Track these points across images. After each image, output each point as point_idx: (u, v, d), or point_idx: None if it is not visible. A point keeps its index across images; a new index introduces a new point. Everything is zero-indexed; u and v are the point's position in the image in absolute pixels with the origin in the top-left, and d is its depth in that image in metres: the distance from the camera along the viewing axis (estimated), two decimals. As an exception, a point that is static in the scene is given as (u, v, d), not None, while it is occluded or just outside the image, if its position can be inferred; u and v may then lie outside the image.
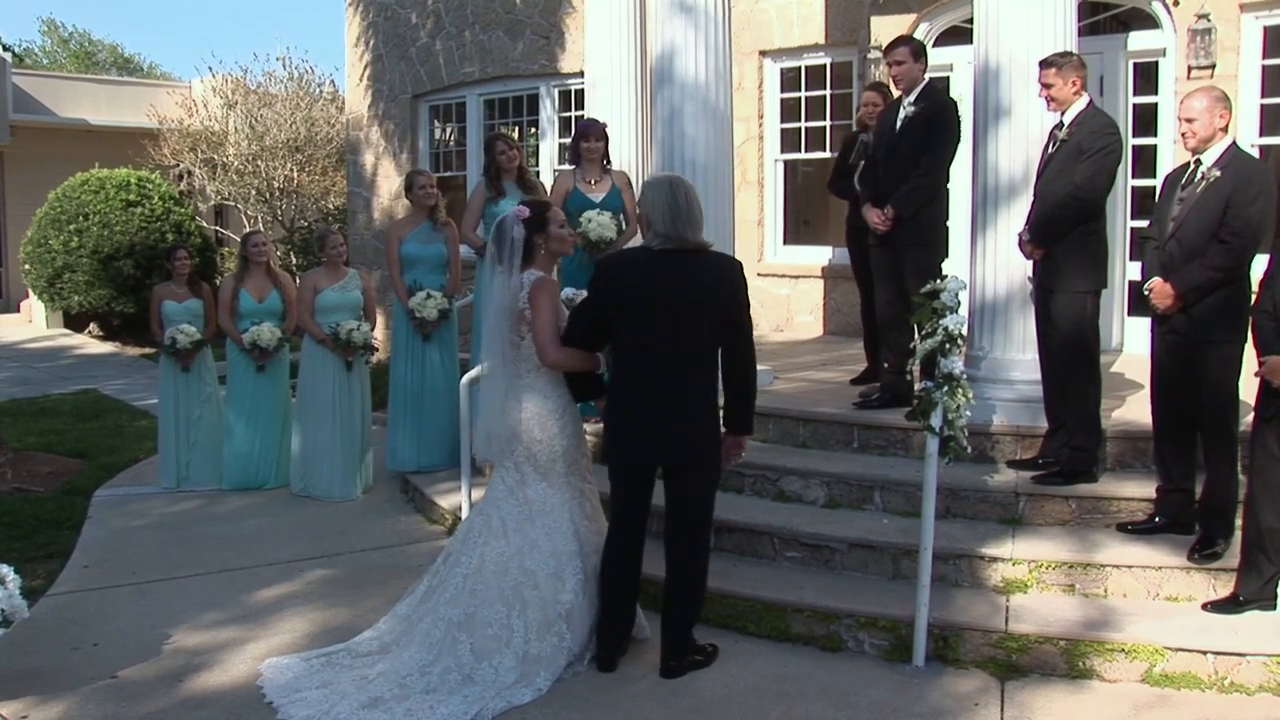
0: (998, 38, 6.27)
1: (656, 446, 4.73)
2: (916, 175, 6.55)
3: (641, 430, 4.72)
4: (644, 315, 4.64)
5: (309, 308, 8.26)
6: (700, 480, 4.81)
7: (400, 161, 14.09)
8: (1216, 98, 5.23)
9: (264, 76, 21.64)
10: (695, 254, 4.69)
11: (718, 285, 4.67)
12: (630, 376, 4.74)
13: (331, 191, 21.31)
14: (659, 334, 4.63)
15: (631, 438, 4.75)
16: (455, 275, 8.49)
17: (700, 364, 4.68)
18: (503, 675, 4.74)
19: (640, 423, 4.71)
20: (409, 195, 8.53)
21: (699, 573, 4.92)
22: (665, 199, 4.66)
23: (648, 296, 4.63)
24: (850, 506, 6.15)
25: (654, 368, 4.66)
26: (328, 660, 5.07)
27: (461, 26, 13.23)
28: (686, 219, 4.64)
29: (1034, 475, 5.91)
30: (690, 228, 4.66)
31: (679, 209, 4.64)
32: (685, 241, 4.65)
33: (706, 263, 4.72)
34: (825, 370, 8.39)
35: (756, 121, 10.98)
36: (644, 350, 4.68)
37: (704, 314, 4.62)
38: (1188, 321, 5.21)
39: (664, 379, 4.65)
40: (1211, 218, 5.13)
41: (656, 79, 7.53)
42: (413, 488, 8.07)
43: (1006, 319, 6.33)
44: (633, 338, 4.70)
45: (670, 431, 4.68)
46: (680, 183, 4.76)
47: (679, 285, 4.61)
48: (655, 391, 4.67)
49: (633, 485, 4.87)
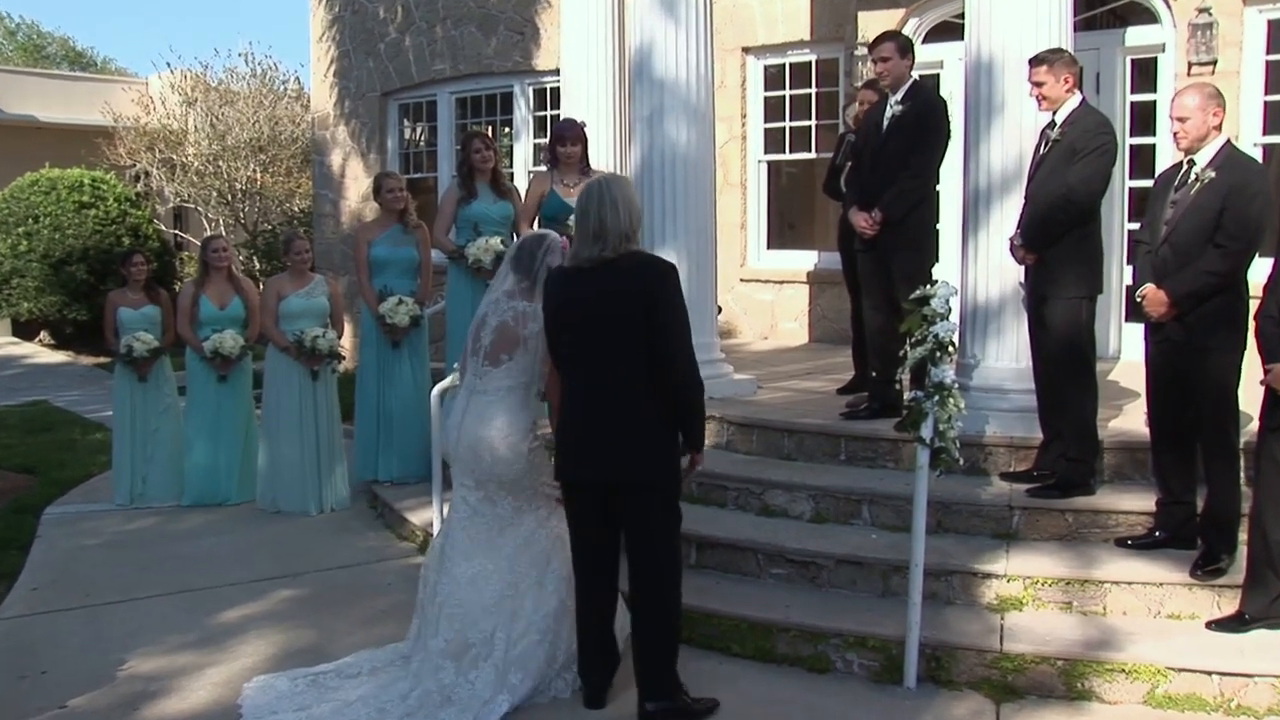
0: (990, 32, 6.29)
1: (594, 464, 4.62)
2: (905, 177, 6.55)
3: (580, 448, 4.65)
4: (569, 330, 4.61)
5: (273, 315, 8.21)
6: (646, 501, 4.58)
7: (369, 162, 14.05)
8: (1209, 95, 5.22)
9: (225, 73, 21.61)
10: (613, 262, 4.54)
11: (633, 289, 4.48)
12: (569, 393, 4.71)
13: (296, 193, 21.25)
14: (585, 347, 4.58)
15: (571, 456, 4.69)
16: (426, 280, 8.46)
17: (635, 375, 4.51)
18: (480, 690, 4.74)
19: (578, 440, 4.66)
20: (377, 198, 8.51)
21: (661, 605, 4.64)
22: (579, 209, 4.62)
23: (569, 311, 4.60)
24: (838, 521, 6.13)
25: (586, 382, 4.62)
26: (313, 681, 5.05)
27: (432, 21, 13.20)
28: (594, 233, 4.52)
29: (1029, 488, 5.91)
30: (599, 241, 4.52)
31: (587, 220, 4.55)
32: (594, 257, 4.53)
33: (622, 267, 4.54)
34: (811, 379, 8.38)
35: (739, 121, 10.99)
36: (576, 365, 4.65)
37: (624, 322, 4.49)
38: (1183, 329, 5.21)
39: (597, 393, 4.58)
40: (1206, 220, 5.12)
41: (635, 77, 7.52)
42: (382, 503, 8.03)
43: (999, 326, 6.34)
44: (565, 354, 4.68)
45: (606, 448, 4.58)
46: (596, 188, 4.61)
47: (594, 294, 4.52)
48: (590, 407, 4.61)
49: (583, 507, 4.74)
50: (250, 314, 8.54)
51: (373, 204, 8.93)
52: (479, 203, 7.97)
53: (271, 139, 20.69)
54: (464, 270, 7.94)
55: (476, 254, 7.79)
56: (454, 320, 8.06)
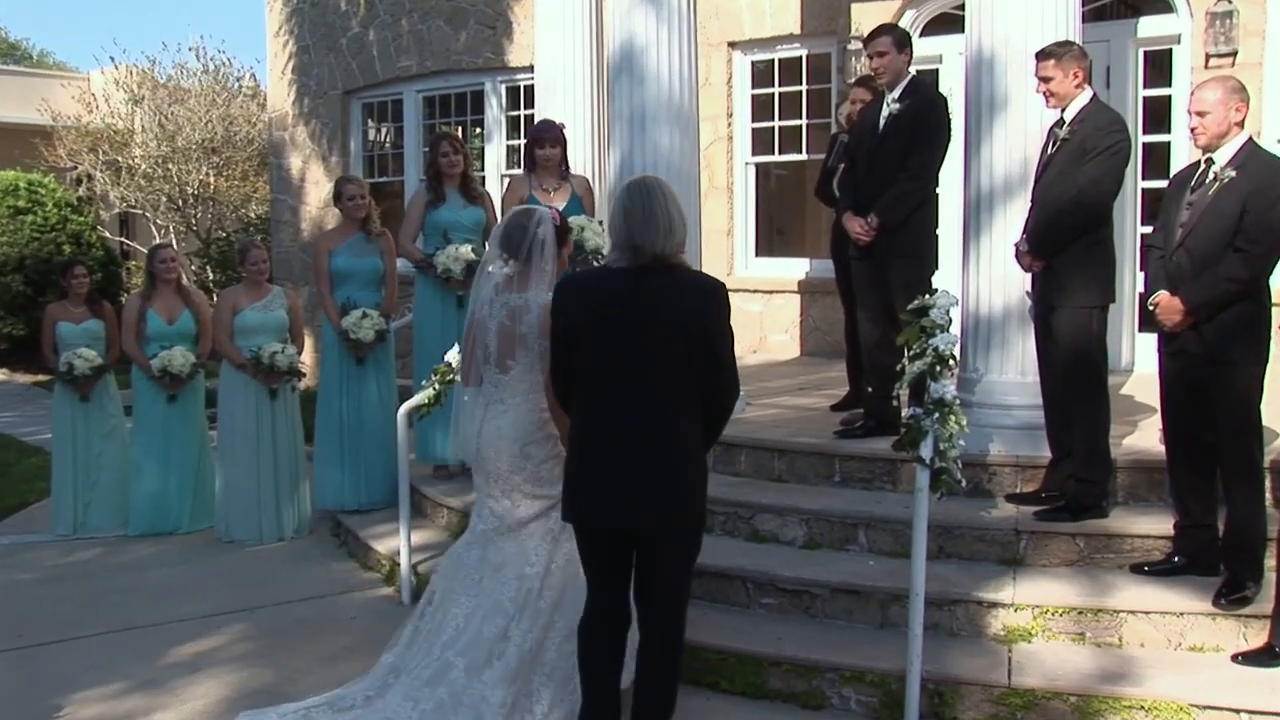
0: (992, 24, 6.30)
1: (622, 505, 4.27)
2: (903, 179, 6.56)
3: (604, 485, 4.30)
4: (603, 345, 4.28)
5: (227, 329, 8.16)
6: (677, 550, 4.37)
7: (330, 165, 14.02)
8: (1232, 88, 5.23)
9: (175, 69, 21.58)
10: (666, 271, 4.30)
11: (693, 309, 4.28)
12: (591, 419, 4.36)
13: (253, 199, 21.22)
14: (621, 366, 4.26)
15: (593, 493, 4.33)
16: (392, 292, 8.43)
17: (676, 402, 4.27)
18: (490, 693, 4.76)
19: (603, 475, 4.30)
20: (338, 204, 8.47)
21: (672, 659, 4.48)
22: (622, 205, 4.34)
23: (608, 323, 4.28)
24: (832, 547, 6.12)
25: (618, 408, 4.28)
26: (304, 715, 5.00)
27: (398, 15, 13.20)
28: (643, 225, 4.24)
29: (1036, 510, 5.90)
30: (653, 236, 4.24)
31: (635, 214, 4.27)
32: (646, 254, 4.25)
33: (680, 281, 4.33)
34: (803, 395, 8.38)
35: (725, 120, 11.01)
36: (605, 387, 4.31)
37: (676, 341, 4.24)
38: (1200, 340, 5.20)
39: (630, 421, 4.26)
40: (1226, 223, 5.12)
41: (614, 74, 7.52)
42: (345, 530, 7.99)
43: (1004, 338, 6.34)
44: (591, 372, 4.34)
45: (639, 487, 4.25)
46: (643, 185, 4.38)
47: (646, 310, 4.24)
48: (621, 437, 4.27)
49: (599, 551, 4.45)
50: (202, 329, 8.49)
51: (334, 210, 8.91)
52: (448, 208, 7.94)
53: (225, 140, 20.65)
54: (432, 280, 7.90)
55: (446, 263, 7.76)
56: (422, 334, 8.02)
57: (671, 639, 4.47)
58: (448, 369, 6.59)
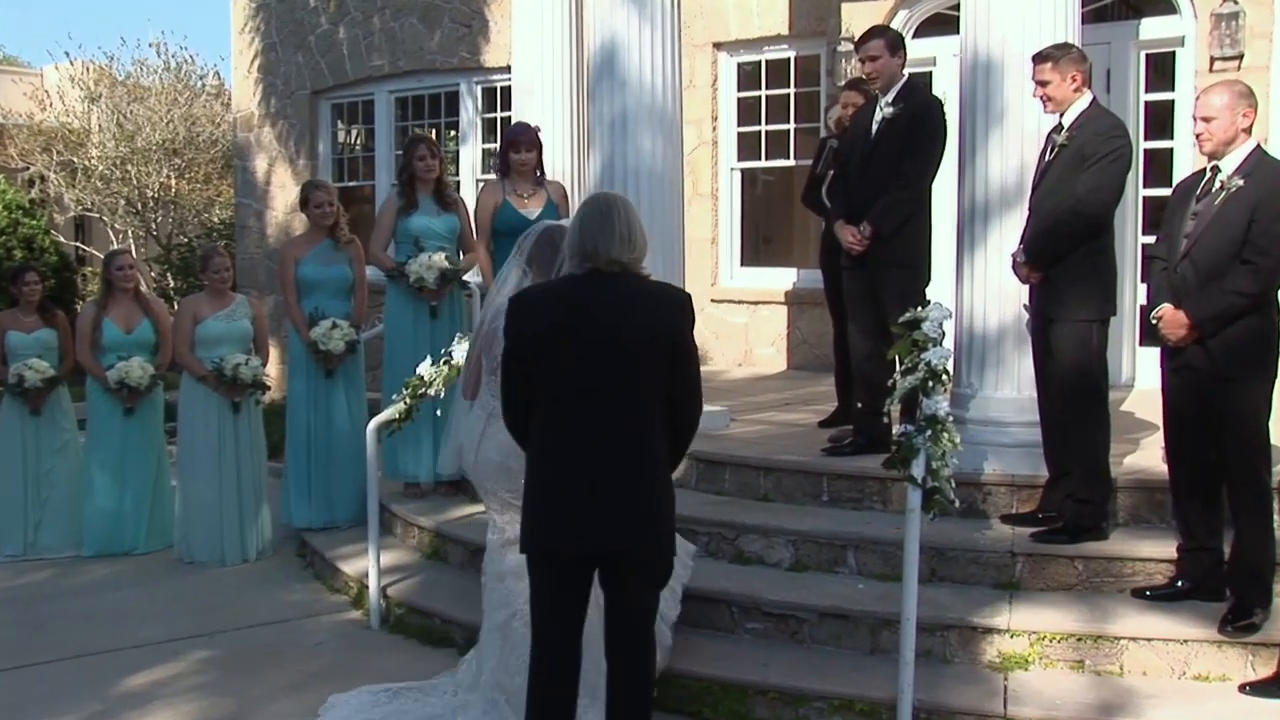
0: (988, 25, 6.30)
1: (595, 531, 4.16)
2: (897, 187, 6.57)
3: (574, 509, 4.17)
4: (567, 358, 4.18)
5: (188, 339, 8.12)
6: (650, 576, 4.32)
7: (297, 168, 13.99)
8: (1239, 93, 5.24)
9: (134, 65, 21.49)
10: (628, 277, 4.26)
11: (664, 319, 4.23)
12: (556, 438, 4.24)
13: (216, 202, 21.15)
14: (587, 380, 4.17)
15: (561, 519, 4.20)
16: (361, 301, 8.41)
17: (643, 418, 4.22)
18: None
19: (572, 499, 4.18)
20: (304, 210, 8.44)
21: (646, 689, 4.43)
22: (578, 215, 4.32)
23: (570, 333, 4.18)
24: (820, 569, 6.12)
25: (585, 425, 4.19)
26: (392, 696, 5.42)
27: (369, 12, 13.18)
28: (599, 231, 4.20)
29: (1033, 532, 5.91)
30: (608, 242, 4.19)
31: (590, 220, 4.23)
32: (611, 261, 4.20)
33: (645, 290, 4.30)
34: (789, 411, 8.39)
35: (710, 124, 11.02)
36: (570, 403, 4.20)
37: (645, 354, 4.18)
38: (1205, 355, 5.20)
39: (600, 439, 4.17)
40: (1233, 234, 5.12)
41: (595, 76, 7.51)
42: (311, 551, 7.95)
43: (999, 352, 6.35)
44: (554, 388, 4.22)
45: (612, 509, 4.16)
46: (602, 198, 4.39)
47: (611, 317, 4.19)
48: (586, 455, 4.19)
49: (560, 582, 4.30)
50: (161, 339, 8.44)
51: (301, 215, 8.88)
52: (421, 215, 7.92)
53: (188, 141, 20.57)
54: (404, 290, 7.89)
55: (418, 271, 7.75)
56: (393, 345, 8.02)
57: (643, 669, 4.42)
58: (420, 382, 6.59)
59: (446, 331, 7.59)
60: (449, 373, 6.56)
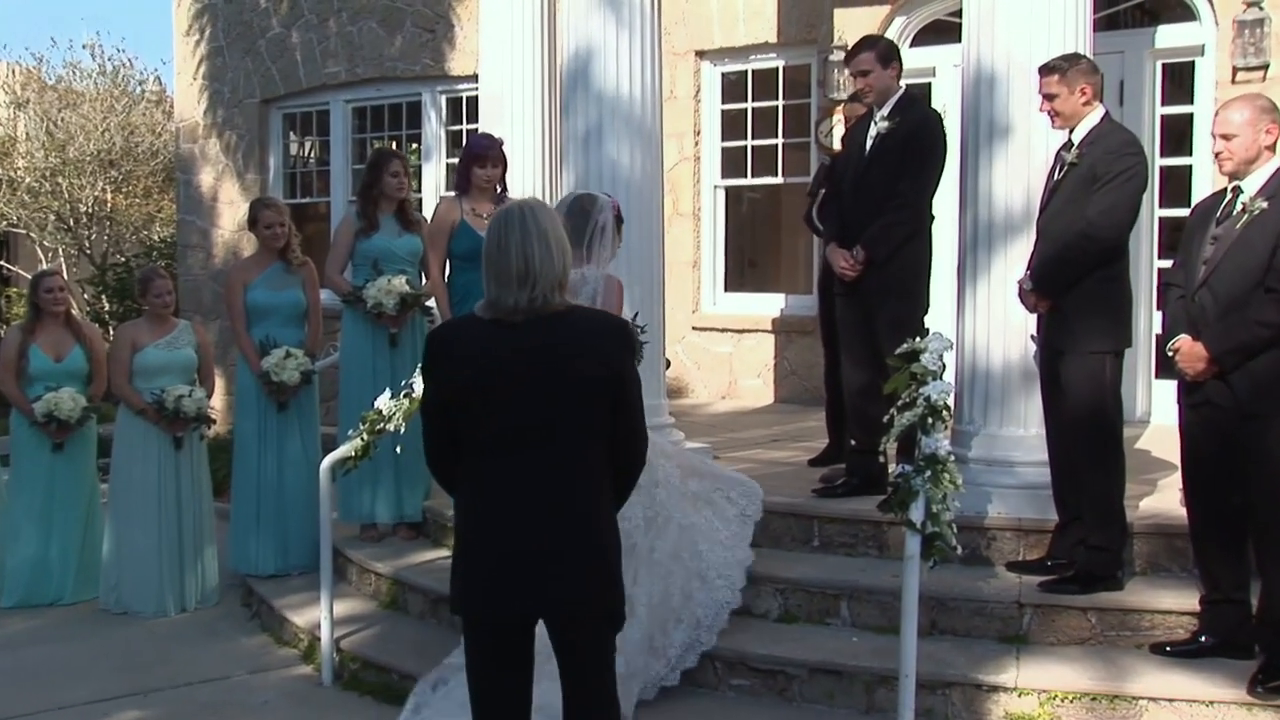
0: (992, 33, 6.33)
1: (529, 587, 4.03)
2: (893, 207, 6.59)
3: (511, 565, 4.04)
4: (500, 402, 4.03)
5: (125, 369, 8.06)
6: (602, 630, 4.19)
7: (246, 182, 13.97)
8: (1261, 108, 5.26)
9: (66, 68, 21.51)
10: (559, 315, 4.08)
11: (604, 352, 4.12)
12: (488, 489, 4.09)
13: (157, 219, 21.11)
14: (525, 425, 4.03)
15: (498, 577, 4.06)
16: (316, 328, 8.39)
17: (589, 460, 4.12)
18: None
19: (509, 554, 4.04)
20: (253, 230, 8.41)
21: None
22: (487, 247, 4.06)
23: (503, 375, 4.04)
24: (811, 620, 6.12)
25: (521, 473, 4.05)
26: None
27: (324, 14, 13.20)
28: (518, 275, 3.99)
29: (1042, 581, 5.91)
30: (517, 287, 4.00)
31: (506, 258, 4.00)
32: (514, 311, 4.01)
33: (580, 323, 4.15)
34: (777, 448, 8.41)
35: (692, 138, 11.06)
36: (504, 451, 4.06)
37: (583, 394, 4.07)
38: (1226, 390, 5.21)
39: (538, 487, 4.04)
40: (1256, 260, 5.13)
41: (569, 85, 7.53)
42: (258, 599, 7.89)
43: (1004, 387, 6.37)
44: (486, 435, 4.08)
45: (554, 563, 4.03)
46: (517, 216, 4.07)
47: (540, 358, 4.04)
48: (529, 507, 4.04)
49: (500, 650, 4.15)
50: (95, 368, 8.37)
51: (250, 234, 8.85)
52: (381, 235, 7.88)
53: (125, 152, 20.54)
54: (361, 316, 7.85)
55: (377, 296, 7.71)
56: (349, 376, 7.98)
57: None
58: (378, 417, 6.55)
59: (407, 361, 7.56)
60: (409, 406, 6.53)
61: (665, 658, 5.71)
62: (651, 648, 5.66)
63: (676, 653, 5.74)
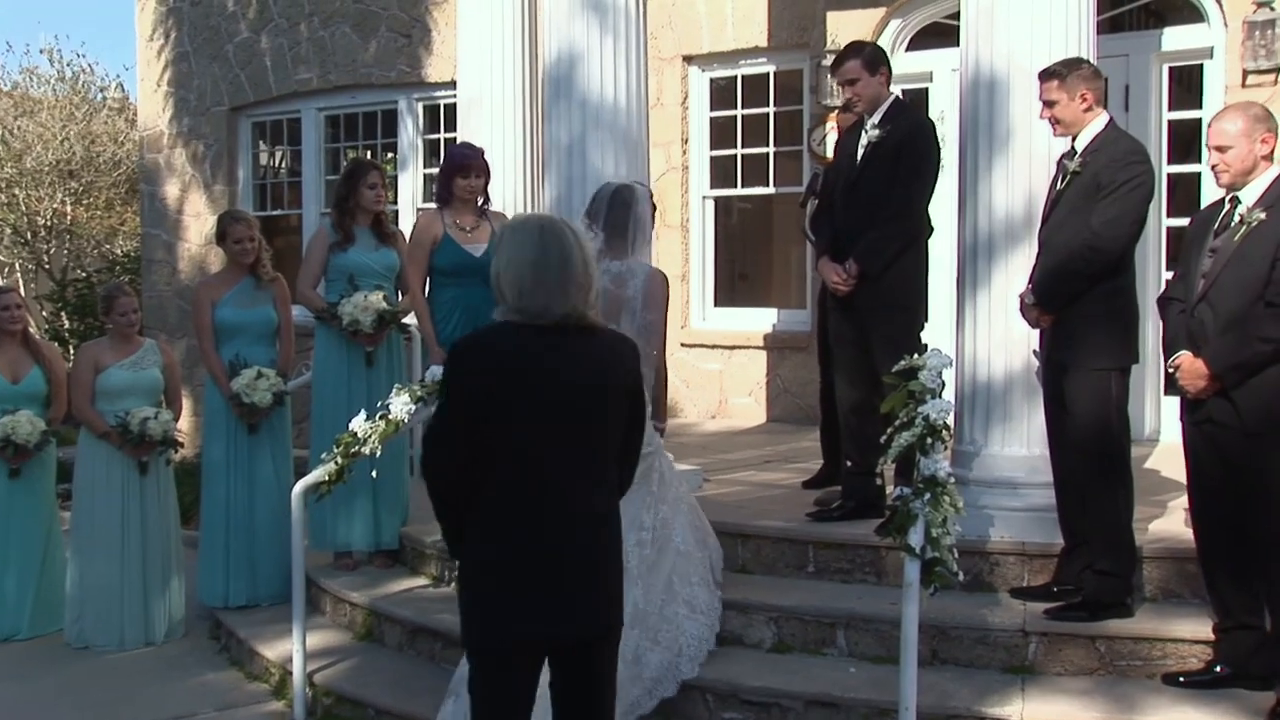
0: (992, 36, 6.35)
1: (561, 613, 4.04)
2: (885, 219, 6.59)
3: (533, 591, 4.03)
4: (541, 407, 4.04)
5: (87, 391, 8.04)
6: (612, 653, 4.27)
7: (214, 194, 13.96)
8: (1256, 117, 5.29)
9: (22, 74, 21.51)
10: (586, 332, 4.14)
11: (629, 369, 4.22)
12: (506, 510, 4.07)
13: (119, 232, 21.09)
14: (550, 445, 4.05)
15: (518, 603, 4.03)
16: (288, 347, 8.37)
17: (608, 481, 4.21)
18: None
19: (529, 579, 4.03)
20: (222, 245, 8.39)
21: None
22: (530, 253, 4.09)
23: (532, 386, 4.07)
24: (806, 650, 6.11)
25: (560, 490, 4.06)
26: None
27: (295, 18, 13.21)
28: (562, 282, 4.07)
29: (1048, 608, 5.90)
30: (566, 295, 4.07)
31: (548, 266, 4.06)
32: (556, 315, 4.06)
33: (604, 339, 4.24)
34: (770, 470, 8.42)
35: (679, 147, 11.08)
36: (533, 465, 4.05)
37: (614, 411, 4.16)
38: (1230, 409, 5.22)
39: (560, 510, 4.06)
40: (1255, 273, 5.15)
41: (551, 92, 7.55)
42: (227, 632, 7.87)
43: (1006, 405, 6.37)
44: (508, 454, 4.05)
45: (578, 587, 4.07)
46: (553, 229, 4.16)
47: (570, 370, 4.09)
48: (562, 519, 4.05)
49: (517, 677, 4.12)
50: (55, 389, 8.34)
51: (218, 248, 8.83)
52: (357, 250, 7.86)
53: (85, 162, 20.52)
54: (336, 334, 7.83)
55: (352, 314, 7.68)
56: (322, 397, 7.97)
57: None
58: (353, 439, 6.54)
59: (383, 381, 7.56)
60: (385, 428, 6.53)
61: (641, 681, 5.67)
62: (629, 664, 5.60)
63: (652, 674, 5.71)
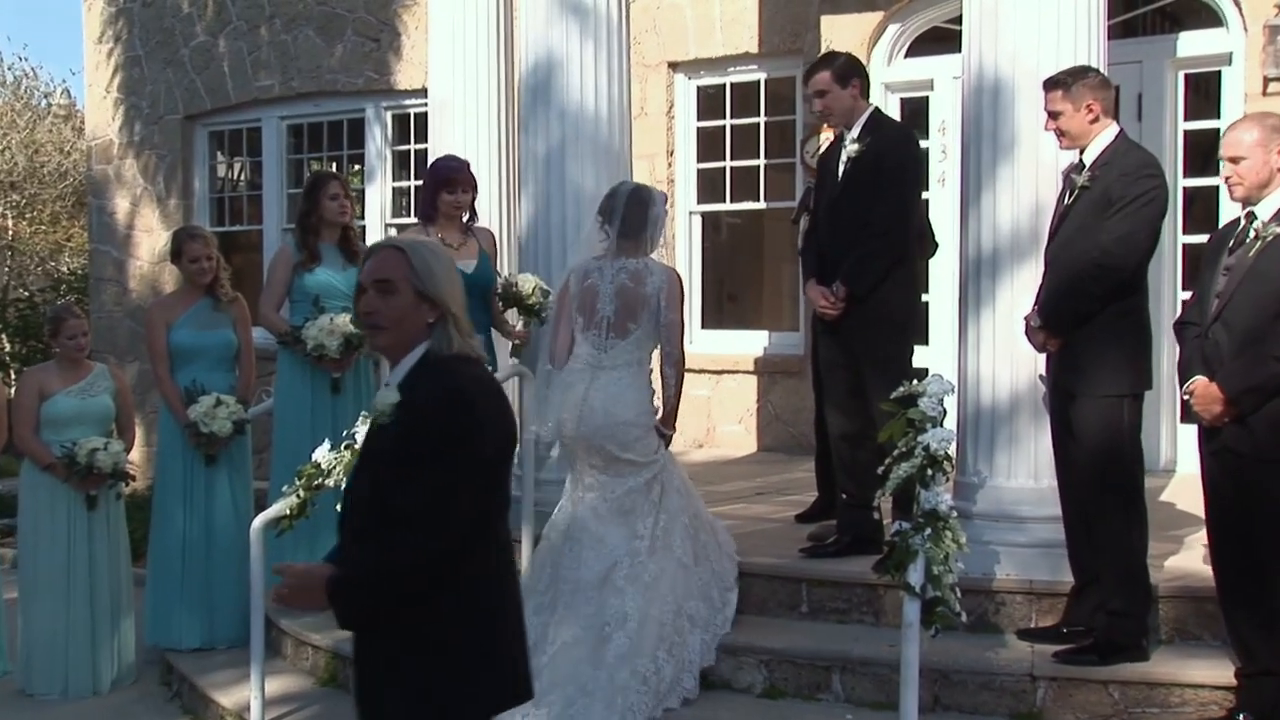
0: (995, 40, 6.36)
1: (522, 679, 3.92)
2: (869, 236, 6.61)
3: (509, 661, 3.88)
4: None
5: (31, 419, 8.00)
6: None
7: (168, 208, 13.94)
8: (1273, 127, 5.30)
9: (-40, 79, 21.42)
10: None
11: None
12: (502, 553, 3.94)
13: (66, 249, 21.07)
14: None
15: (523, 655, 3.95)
16: (249, 372, 8.35)
17: None
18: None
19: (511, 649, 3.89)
20: (177, 263, 8.35)
21: None
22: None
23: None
24: (799, 695, 6.12)
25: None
26: None
27: (255, 21, 13.21)
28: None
29: (1057, 651, 5.91)
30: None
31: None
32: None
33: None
34: (760, 502, 8.43)
35: (664, 159, 11.10)
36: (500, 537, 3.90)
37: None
38: (1247, 436, 5.23)
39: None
40: (1270, 290, 5.16)
41: (528, 101, 7.58)
42: (180, 677, 7.83)
43: (1011, 434, 6.39)
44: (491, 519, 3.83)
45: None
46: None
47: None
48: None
49: None
50: (-5, 418, 8.33)
51: (173, 267, 8.81)
52: (323, 269, 7.84)
53: (29, 173, 20.51)
54: (300, 359, 7.81)
55: (318, 338, 7.65)
56: (285, 425, 7.96)
57: None
58: (316, 471, 6.51)
59: (350, 409, 7.53)
60: (351, 459, 6.52)
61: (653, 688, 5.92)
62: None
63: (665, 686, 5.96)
